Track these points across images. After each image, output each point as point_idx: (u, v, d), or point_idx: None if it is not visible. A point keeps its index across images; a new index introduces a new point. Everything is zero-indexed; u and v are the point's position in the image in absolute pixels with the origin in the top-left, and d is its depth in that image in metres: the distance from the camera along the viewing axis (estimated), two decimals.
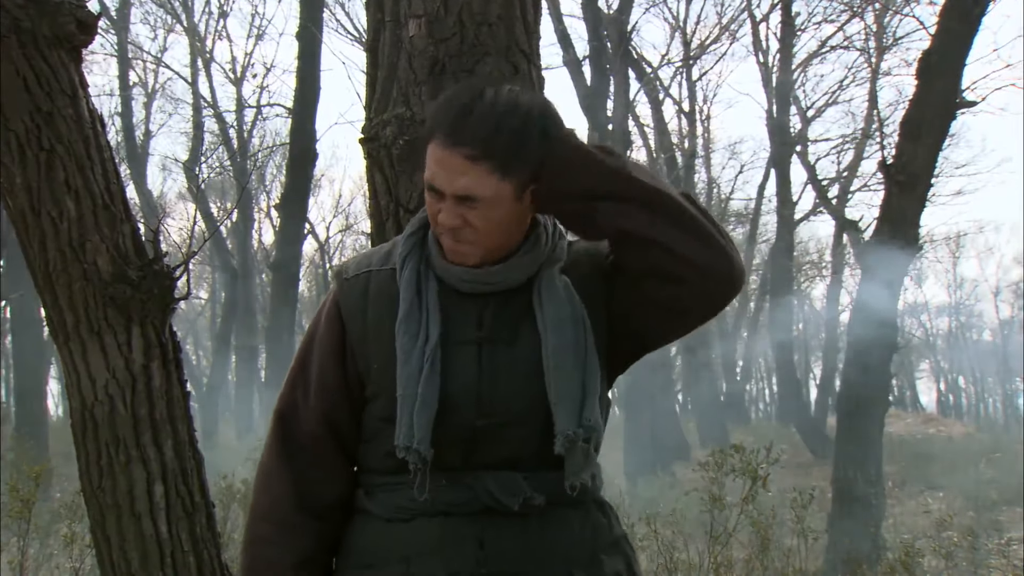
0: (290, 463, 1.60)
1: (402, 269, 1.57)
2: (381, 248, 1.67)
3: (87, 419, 2.72)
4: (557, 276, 1.56)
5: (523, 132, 1.46)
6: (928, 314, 39.64)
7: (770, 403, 35.68)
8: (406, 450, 1.48)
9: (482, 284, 1.54)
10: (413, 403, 1.48)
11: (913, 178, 8.10)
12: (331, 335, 1.60)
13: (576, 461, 1.51)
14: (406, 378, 1.49)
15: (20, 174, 2.56)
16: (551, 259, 1.57)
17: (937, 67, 7.93)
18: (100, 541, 2.79)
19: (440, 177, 1.46)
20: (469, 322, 1.54)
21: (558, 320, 1.51)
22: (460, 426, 1.51)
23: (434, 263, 1.57)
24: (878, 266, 8.32)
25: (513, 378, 1.52)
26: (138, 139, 19.17)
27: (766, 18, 19.50)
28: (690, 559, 6.21)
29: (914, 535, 7.26)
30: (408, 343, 1.50)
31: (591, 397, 1.51)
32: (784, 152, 18.95)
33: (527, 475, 1.52)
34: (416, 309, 1.53)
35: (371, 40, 2.45)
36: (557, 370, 1.50)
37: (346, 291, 1.61)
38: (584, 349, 1.52)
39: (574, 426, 1.49)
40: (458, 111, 1.45)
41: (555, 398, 1.50)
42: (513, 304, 1.55)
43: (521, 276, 1.55)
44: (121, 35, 17.60)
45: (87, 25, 2.63)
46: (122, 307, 2.67)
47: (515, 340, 1.54)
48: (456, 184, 1.45)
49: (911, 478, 14.05)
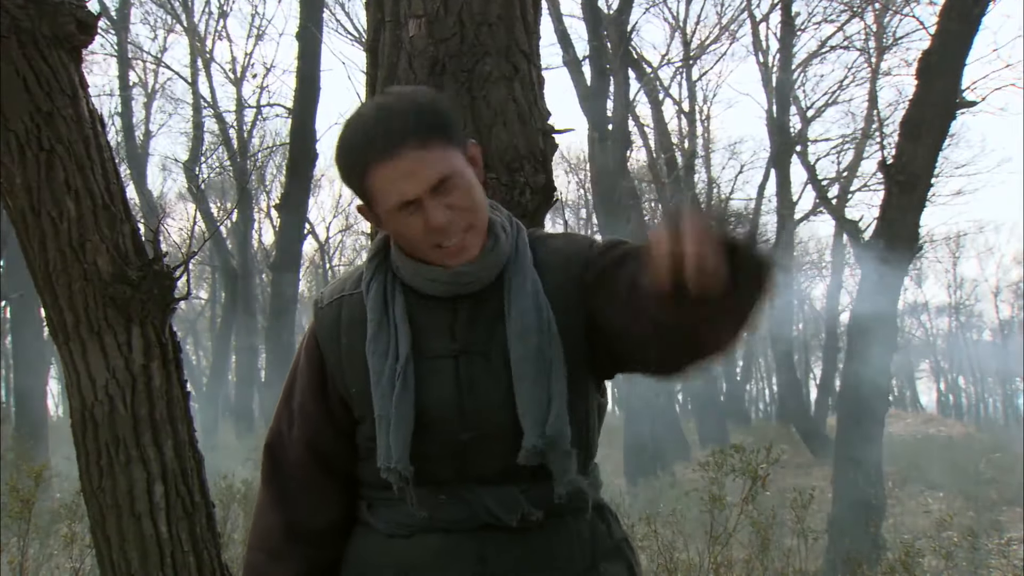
0: (279, 494, 1.62)
1: (368, 291, 1.55)
2: (354, 272, 1.65)
3: (87, 419, 2.72)
4: (529, 278, 1.52)
5: (434, 103, 1.47)
6: (928, 314, 39.65)
7: (770, 403, 35.68)
8: (387, 471, 1.47)
9: (454, 285, 1.50)
10: (388, 423, 1.47)
11: (913, 178, 8.10)
12: (310, 365, 1.60)
13: (557, 469, 1.48)
14: (380, 398, 1.48)
15: (20, 174, 2.56)
16: (517, 256, 1.54)
17: (937, 67, 7.93)
18: (100, 541, 2.79)
19: (407, 184, 1.41)
20: (441, 334, 1.52)
21: (522, 328, 1.48)
22: (445, 441, 1.49)
23: (402, 273, 1.54)
24: (878, 266, 8.32)
25: (493, 390, 1.49)
26: (138, 139, 19.18)
27: (766, 18, 19.51)
28: (690, 559, 6.20)
29: (914, 535, 7.26)
30: (378, 363, 1.49)
31: (556, 407, 1.46)
32: (784, 152, 18.93)
33: (524, 488, 1.50)
34: (384, 327, 1.51)
35: (371, 40, 2.45)
36: (519, 381, 1.47)
37: (320, 319, 1.60)
38: (547, 358, 1.47)
39: (534, 438, 1.45)
40: (371, 129, 1.43)
41: (521, 410, 1.47)
42: (483, 310, 1.52)
43: (490, 275, 1.52)
44: (121, 35, 17.60)
45: (87, 25, 2.64)
46: (122, 307, 2.67)
47: (489, 350, 1.50)
48: (424, 177, 1.42)
49: (911, 478, 14.05)
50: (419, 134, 1.42)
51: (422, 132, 1.42)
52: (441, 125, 1.44)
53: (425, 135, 1.42)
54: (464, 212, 1.46)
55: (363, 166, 1.44)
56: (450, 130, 1.46)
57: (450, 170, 1.43)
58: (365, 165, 1.43)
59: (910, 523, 9.69)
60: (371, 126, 1.43)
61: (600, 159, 14.70)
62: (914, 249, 8.59)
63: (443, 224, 1.44)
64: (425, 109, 1.44)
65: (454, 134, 1.46)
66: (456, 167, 1.44)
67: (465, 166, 1.47)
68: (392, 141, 1.41)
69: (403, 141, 1.41)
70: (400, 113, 1.43)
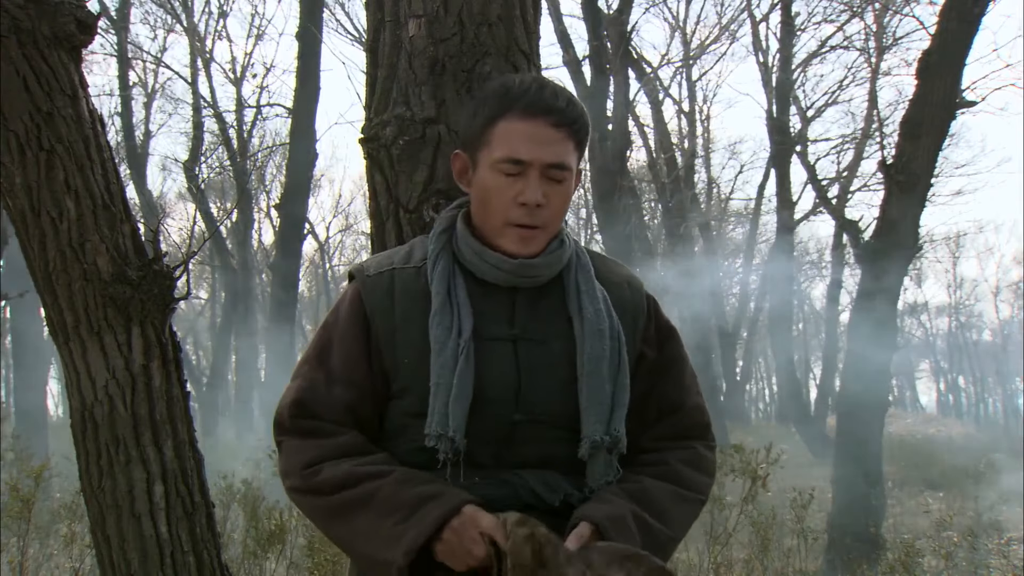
0: (314, 430, 1.53)
1: (434, 265, 1.56)
2: (399, 249, 1.66)
3: (87, 419, 2.72)
4: (598, 287, 1.58)
5: (583, 110, 1.54)
6: (928, 314, 39.60)
7: (770, 403, 35.68)
8: (438, 438, 1.45)
9: (518, 276, 1.54)
10: (448, 392, 1.46)
11: (913, 178, 8.11)
12: (355, 331, 1.56)
13: (598, 467, 1.51)
14: (440, 367, 1.47)
15: (20, 174, 2.56)
16: (579, 264, 1.60)
17: (937, 67, 7.93)
18: (100, 541, 2.79)
19: (528, 148, 1.48)
20: (500, 319, 1.54)
21: (597, 329, 1.52)
22: (497, 421, 1.50)
23: (464, 254, 1.56)
24: (877, 266, 8.32)
25: (551, 377, 1.52)
26: (138, 139, 19.15)
27: (766, 18, 19.49)
28: (690, 559, 6.20)
29: (914, 535, 7.26)
30: (442, 335, 1.49)
31: (620, 409, 1.52)
32: (784, 152, 18.92)
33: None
34: (447, 304, 1.52)
35: (371, 40, 2.45)
36: (591, 376, 1.51)
37: (369, 288, 1.57)
38: (618, 363, 1.53)
39: (601, 433, 1.49)
40: (530, 87, 1.50)
41: (586, 403, 1.50)
42: (543, 302, 1.56)
43: (552, 272, 1.57)
44: (121, 35, 17.57)
45: (87, 25, 2.63)
46: (122, 307, 2.67)
47: (547, 340, 1.54)
48: (547, 152, 1.48)
49: (911, 478, 14.05)
50: (562, 117, 1.49)
51: (565, 117, 1.50)
52: (582, 128, 1.53)
53: (566, 122, 1.50)
54: (550, 209, 1.52)
55: (505, 108, 1.51)
56: (584, 138, 1.54)
57: (568, 165, 1.51)
58: (508, 109, 1.50)
59: (910, 523, 9.69)
60: (535, 87, 1.51)
61: (600, 159, 14.69)
62: (914, 249, 8.59)
63: (534, 202, 1.49)
64: (579, 108, 1.53)
65: (583, 141, 1.54)
66: (573, 166, 1.52)
67: (574, 174, 1.54)
68: (544, 106, 1.49)
69: (550, 114, 1.49)
70: (561, 94, 1.52)
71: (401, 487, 1.44)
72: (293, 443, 1.54)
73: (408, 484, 1.44)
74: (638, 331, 1.60)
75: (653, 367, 1.62)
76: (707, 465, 1.64)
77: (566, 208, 1.55)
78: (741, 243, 25.52)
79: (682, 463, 1.59)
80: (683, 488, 1.57)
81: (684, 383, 1.65)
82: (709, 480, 1.63)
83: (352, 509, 1.45)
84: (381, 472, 1.46)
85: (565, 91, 1.54)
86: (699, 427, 1.66)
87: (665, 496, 1.53)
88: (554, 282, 1.57)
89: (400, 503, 1.42)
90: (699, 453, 1.63)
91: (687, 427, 1.64)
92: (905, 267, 8.77)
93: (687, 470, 1.59)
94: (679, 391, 1.64)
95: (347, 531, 1.47)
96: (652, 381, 1.61)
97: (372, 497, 1.44)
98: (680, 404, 1.64)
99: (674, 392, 1.64)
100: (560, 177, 1.50)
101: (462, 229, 1.58)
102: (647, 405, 1.61)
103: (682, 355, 1.67)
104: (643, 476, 1.55)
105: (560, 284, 1.57)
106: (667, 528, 1.50)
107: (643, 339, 1.61)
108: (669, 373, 1.64)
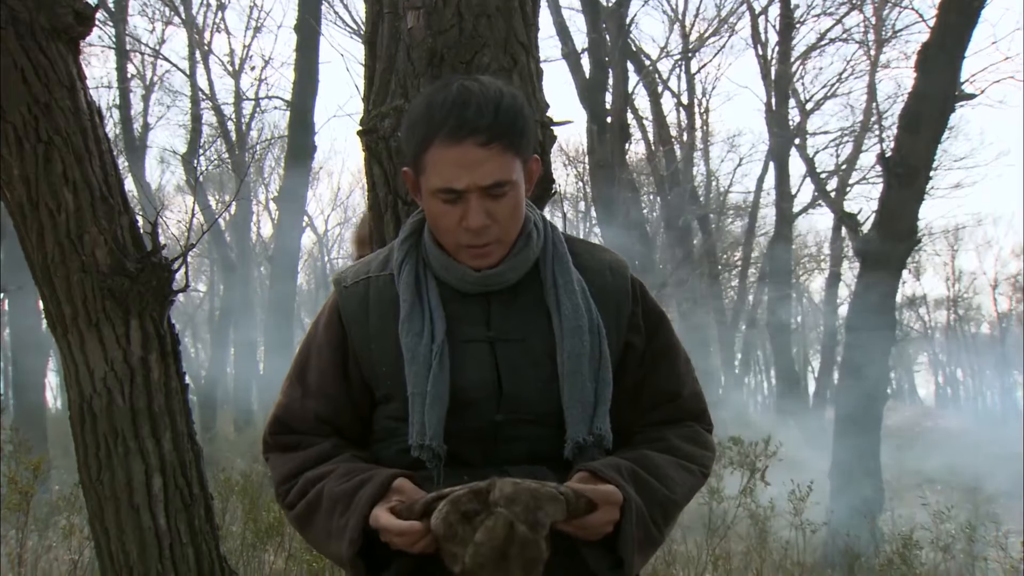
0: (294, 445, 1.58)
1: (399, 272, 1.55)
2: (378, 254, 1.65)
3: (85, 411, 2.72)
4: (575, 278, 1.55)
5: (518, 109, 1.45)
6: (926, 307, 39.62)
7: (768, 396, 35.71)
8: (420, 448, 1.46)
9: (484, 285, 1.52)
10: (423, 401, 1.46)
11: (912, 171, 8.11)
12: (331, 343, 1.58)
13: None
14: (414, 376, 1.47)
15: (18, 166, 2.56)
16: (555, 254, 1.56)
17: (936, 60, 7.92)
18: (99, 533, 2.79)
19: (459, 176, 1.42)
20: (476, 321, 1.53)
21: (576, 326, 1.50)
22: (479, 421, 1.49)
23: (432, 265, 1.55)
24: (876, 259, 8.32)
25: (533, 375, 1.51)
26: (136, 131, 19.09)
27: (765, 11, 19.48)
28: (688, 552, 6.22)
29: (912, 528, 7.27)
30: (413, 342, 1.49)
31: (602, 406, 1.50)
32: (783, 145, 18.93)
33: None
34: (418, 309, 1.51)
35: (369, 32, 2.45)
36: (572, 375, 1.49)
37: (346, 298, 1.59)
38: (599, 360, 1.51)
39: (584, 433, 1.48)
40: (452, 108, 1.42)
41: (567, 403, 1.49)
42: (518, 301, 1.54)
43: (518, 274, 1.54)
44: (119, 27, 17.52)
45: (85, 17, 2.63)
46: (120, 299, 2.67)
47: (526, 338, 1.52)
48: (480, 175, 1.42)
49: (909, 471, 14.07)
50: (490, 133, 1.41)
51: (493, 132, 1.41)
52: (514, 132, 1.44)
53: (495, 136, 1.41)
54: (500, 224, 1.47)
55: (428, 139, 1.44)
56: (521, 140, 1.45)
57: (506, 179, 1.44)
58: (430, 139, 1.43)
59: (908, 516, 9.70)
60: (449, 106, 1.43)
61: (599, 151, 14.68)
62: (912, 242, 8.60)
63: (478, 227, 1.45)
64: (505, 111, 1.43)
65: (523, 145, 1.46)
66: (512, 178, 1.45)
67: (520, 179, 1.47)
68: (462, 129, 1.41)
69: (472, 134, 1.41)
70: (480, 105, 1.42)
71: (340, 481, 1.46)
72: (275, 459, 1.60)
73: (346, 477, 1.47)
74: (623, 319, 1.58)
75: (644, 357, 1.60)
76: (706, 440, 1.64)
77: (519, 213, 1.50)
78: (740, 236, 25.53)
79: (681, 439, 1.59)
80: (683, 459, 1.56)
81: (678, 371, 1.64)
82: (710, 454, 1.62)
83: (310, 514, 1.50)
84: (327, 472, 1.50)
85: (492, 95, 1.44)
86: (696, 412, 1.65)
87: (664, 462, 1.53)
88: (530, 276, 1.55)
89: (340, 496, 1.45)
90: (696, 430, 1.63)
91: (684, 412, 1.64)
92: (904, 260, 8.77)
93: (687, 444, 1.59)
94: (674, 381, 1.63)
95: (313, 536, 1.52)
96: (644, 371, 1.60)
97: (320, 497, 1.48)
98: (676, 394, 1.62)
99: (669, 382, 1.62)
100: (501, 193, 1.44)
101: (428, 239, 1.57)
102: (641, 395, 1.60)
103: (674, 342, 1.65)
104: (642, 448, 1.55)
105: (537, 278, 1.56)
106: (664, 487, 1.49)
107: (629, 327, 1.58)
108: (662, 362, 1.62)
